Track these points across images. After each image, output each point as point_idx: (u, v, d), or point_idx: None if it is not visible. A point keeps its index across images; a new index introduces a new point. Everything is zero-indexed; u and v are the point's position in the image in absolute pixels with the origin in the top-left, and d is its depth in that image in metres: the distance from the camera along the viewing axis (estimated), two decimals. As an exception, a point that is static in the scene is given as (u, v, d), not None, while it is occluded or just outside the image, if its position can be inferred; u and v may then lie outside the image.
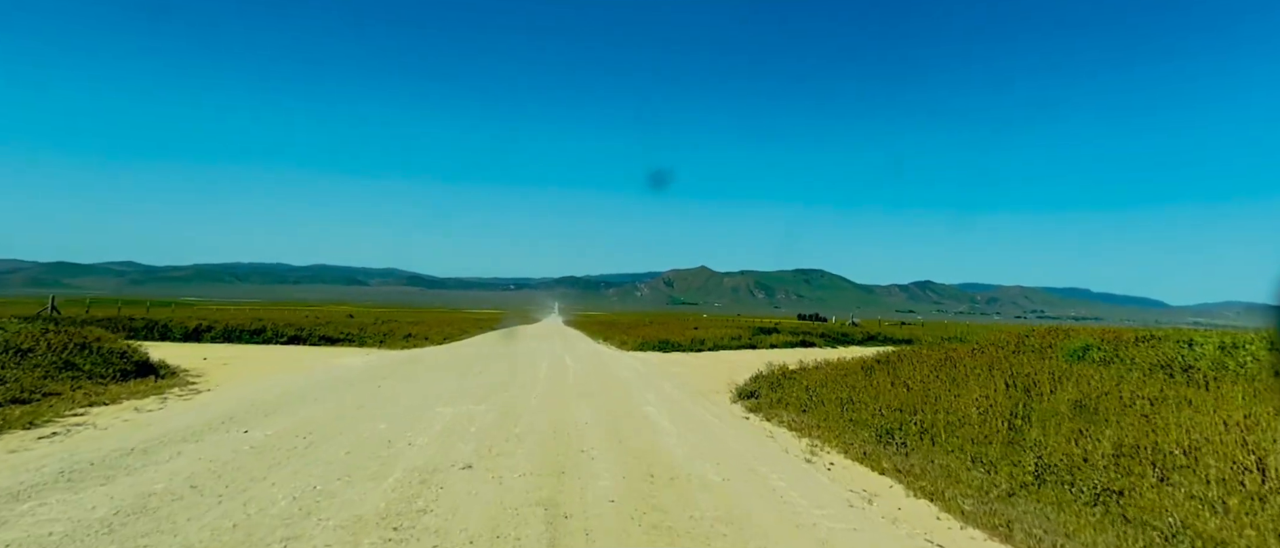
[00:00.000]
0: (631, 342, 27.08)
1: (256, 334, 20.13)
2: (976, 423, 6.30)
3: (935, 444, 6.23)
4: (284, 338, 20.12)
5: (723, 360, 19.61)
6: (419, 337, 27.08)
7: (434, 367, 13.88)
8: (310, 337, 20.66)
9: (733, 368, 16.71)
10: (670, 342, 26.08)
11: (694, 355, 22.19)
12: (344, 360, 14.80)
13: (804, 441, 7.15)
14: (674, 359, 19.90)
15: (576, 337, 34.67)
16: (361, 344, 21.23)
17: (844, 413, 8.20)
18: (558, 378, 12.49)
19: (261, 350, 17.23)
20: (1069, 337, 10.74)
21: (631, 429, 7.33)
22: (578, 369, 14.47)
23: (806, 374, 11.77)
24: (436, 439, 6.36)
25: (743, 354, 22.98)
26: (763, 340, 26.83)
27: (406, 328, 31.61)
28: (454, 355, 17.57)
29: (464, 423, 7.24)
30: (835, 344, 27.24)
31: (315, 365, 13.55)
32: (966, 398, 6.93)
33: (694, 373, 15.09)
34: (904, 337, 29.44)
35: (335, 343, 20.77)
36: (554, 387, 10.97)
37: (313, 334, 20.95)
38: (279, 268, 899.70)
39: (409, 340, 24.68)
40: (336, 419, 7.28)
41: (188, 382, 10.50)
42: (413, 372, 12.67)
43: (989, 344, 10.58)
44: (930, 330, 37.09)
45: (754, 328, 31.11)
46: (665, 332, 32.14)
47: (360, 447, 5.94)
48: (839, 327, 36.99)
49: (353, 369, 12.84)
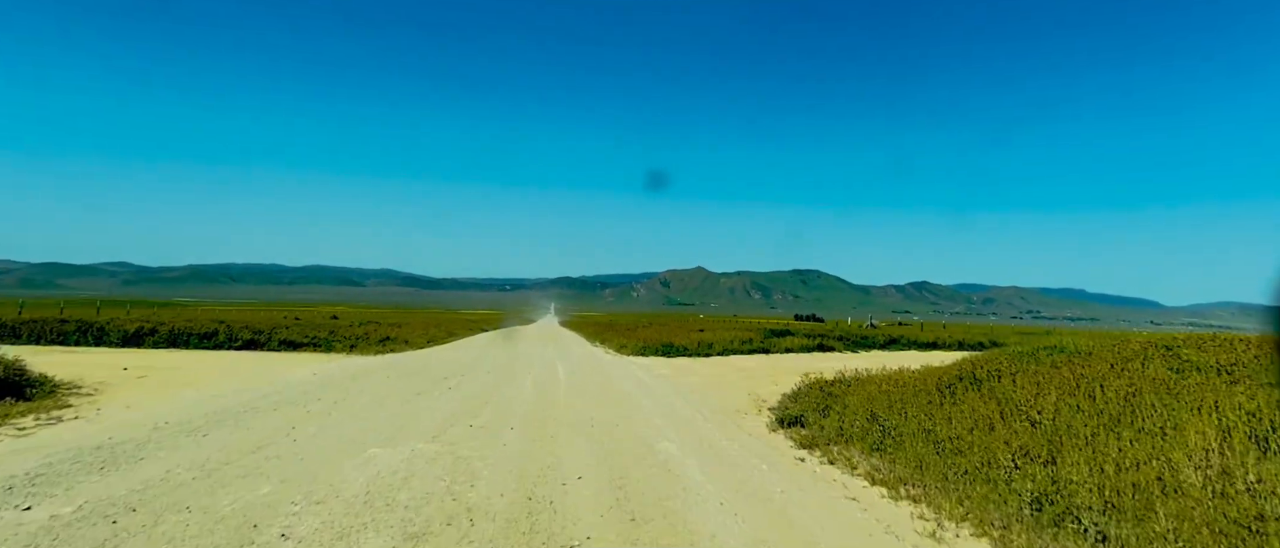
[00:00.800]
0: (632, 345, 24.68)
1: (208, 338, 17.65)
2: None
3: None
4: (238, 343, 17.64)
5: (737, 368, 17.23)
6: (399, 340, 24.63)
7: (397, 380, 11.44)
8: (270, 341, 18.19)
9: (752, 378, 14.33)
10: (674, 345, 23.71)
11: (702, 361, 19.81)
12: (292, 373, 12.34)
13: (906, 508, 4.77)
14: (681, 366, 17.52)
15: (572, 339, 32.25)
16: (329, 349, 18.78)
17: (942, 457, 5.83)
18: (546, 395, 10.08)
19: (201, 358, 14.76)
20: (1203, 348, 8.34)
21: (649, 491, 4.91)
22: (572, 382, 12.06)
23: (856, 390, 9.40)
24: (334, 521, 3.95)
25: (756, 360, 20.61)
26: (775, 344, 24.48)
27: (387, 331, 29.19)
28: (429, 363, 15.14)
29: (393, 485, 4.81)
30: (856, 348, 24.89)
31: (252, 378, 11.10)
32: (1175, 449, 4.49)
33: (710, 385, 12.69)
34: (928, 339, 27.10)
35: (298, 348, 18.32)
36: (540, 409, 8.56)
37: (272, 338, 18.48)
38: (274, 269, 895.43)
39: (385, 345, 22.23)
40: (203, 476, 4.85)
41: (64, 403, 8.05)
42: (366, 388, 10.23)
43: (1112, 357, 8.14)
44: (953, 332, 34.77)
45: (764, 330, 28.73)
46: (667, 334, 29.75)
47: (192, 543, 3.53)
48: (856, 328, 34.62)
49: (292, 384, 10.39)
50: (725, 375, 14.96)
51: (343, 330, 26.11)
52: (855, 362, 21.20)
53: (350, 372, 12.56)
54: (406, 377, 11.91)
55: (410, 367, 14.05)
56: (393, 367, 13.85)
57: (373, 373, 12.46)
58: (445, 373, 12.71)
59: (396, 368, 13.65)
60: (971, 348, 26.00)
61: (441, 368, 13.81)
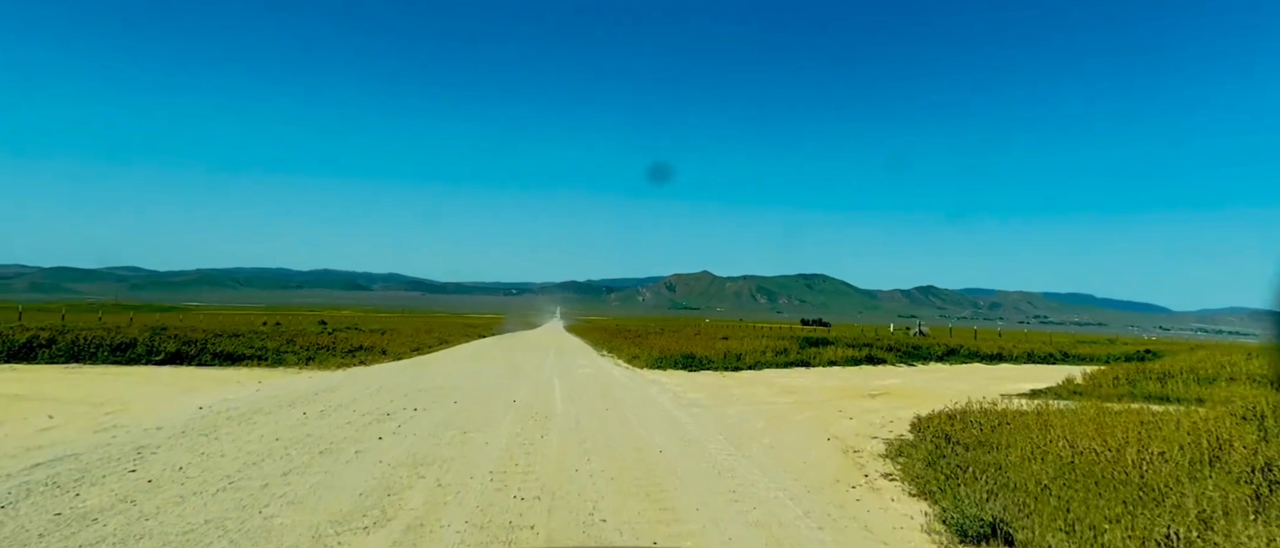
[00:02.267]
0: (646, 356, 21.10)
1: (122, 350, 14.20)
2: None
3: None
4: (161, 356, 14.16)
5: (784, 389, 13.60)
6: (376, 350, 21.17)
7: (317, 419, 7.86)
8: (202, 354, 14.70)
9: (815, 408, 10.69)
10: (696, 357, 20.11)
11: (735, 379, 16.20)
12: (172, 405, 8.67)
13: None
14: (714, 387, 13.91)
15: (576, 348, 28.62)
16: (275, 363, 15.28)
17: None
18: (530, 452, 6.48)
19: (75, 381, 11.20)
20: None
21: None
22: (573, 418, 8.43)
23: (1022, 441, 5.86)
24: None
25: (799, 376, 16.97)
26: (815, 356, 20.84)
27: (369, 338, 25.77)
28: (386, 386, 11.59)
29: None
30: (909, 360, 21.20)
31: (90, 419, 7.56)
32: None
33: (768, 422, 9.04)
34: (990, 350, 23.33)
35: (236, 362, 14.82)
36: (509, 490, 4.99)
37: (206, 350, 14.99)
38: (281, 273, 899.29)
39: (354, 357, 18.74)
40: None
41: None
42: (252, 436, 6.66)
43: None
44: (1010, 340, 30.87)
45: (799, 339, 25.05)
46: (685, 342, 26.13)
47: None
48: (902, 336, 30.81)
49: (139, 431, 6.82)
50: (776, 403, 11.34)
51: (311, 338, 22.65)
52: (920, 378, 17.53)
53: (262, 403, 8.96)
54: (339, 410, 8.33)
55: (356, 392, 10.47)
56: (334, 392, 10.28)
57: (296, 404, 8.87)
58: (400, 403, 9.12)
59: (337, 395, 10.09)
60: (1044, 361, 22.26)
61: (399, 394, 10.24)
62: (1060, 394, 12.34)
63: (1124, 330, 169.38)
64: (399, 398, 9.63)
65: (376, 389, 10.76)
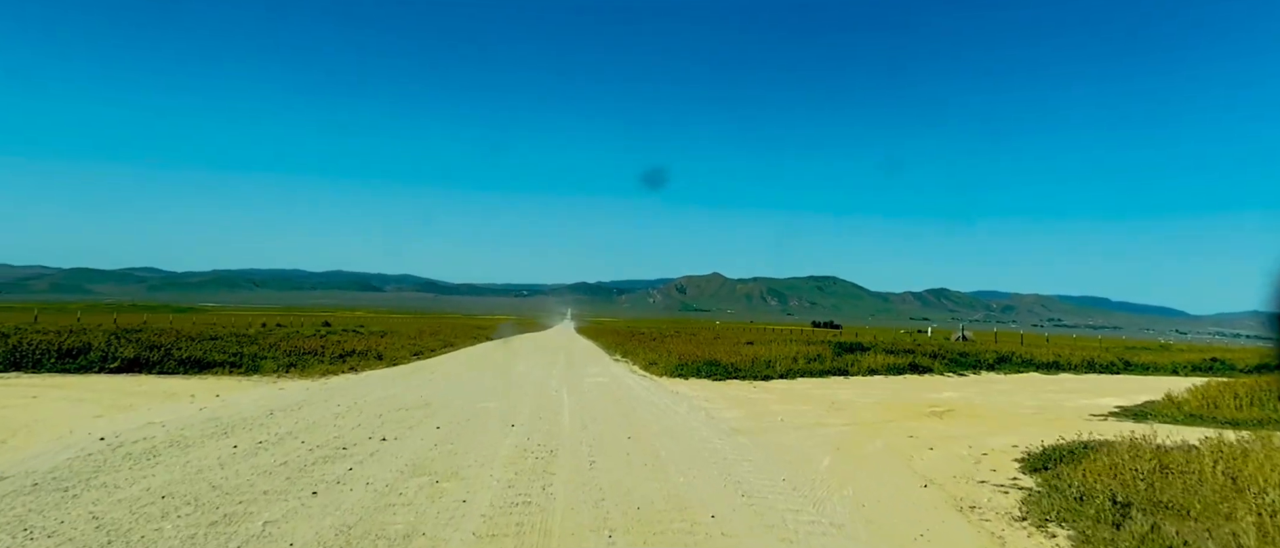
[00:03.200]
0: (664, 362, 19.20)
1: (73, 356, 12.53)
2: None
3: None
4: (117, 363, 12.46)
5: (829, 404, 11.62)
6: (372, 354, 19.46)
7: (259, 452, 6.03)
8: (166, 360, 12.98)
9: (885, 434, 8.70)
10: (720, 364, 18.18)
11: (766, 390, 14.25)
12: (77, 431, 6.94)
13: None
14: (749, 402, 11.96)
15: (588, 352, 26.73)
16: (251, 371, 13.55)
17: None
18: (519, 537, 4.60)
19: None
20: None
21: None
22: (583, 462, 6.49)
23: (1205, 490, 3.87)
24: None
25: (839, 387, 14.96)
26: (853, 363, 18.81)
27: (365, 342, 24.11)
28: (364, 402, 9.77)
29: None
30: (958, 368, 19.11)
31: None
32: None
33: (847, 464, 7.05)
34: (1045, 358, 21.09)
35: (204, 369, 13.09)
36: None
37: (171, 356, 13.28)
38: (296, 274, 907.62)
39: (345, 363, 17.02)
40: None
41: None
42: (146, 485, 4.84)
43: None
44: (1058, 347, 28.47)
45: (832, 344, 22.99)
46: (705, 347, 24.18)
47: None
48: (943, 342, 28.60)
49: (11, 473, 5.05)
50: (831, 426, 9.38)
51: (302, 341, 20.98)
52: (977, 391, 15.30)
53: (190, 430, 7.02)
54: (283, 442, 6.47)
55: (321, 411, 8.63)
56: (294, 412, 8.45)
57: (234, 431, 7.00)
58: (368, 430, 7.25)
59: (295, 416, 8.24)
60: (1106, 370, 20.06)
61: (372, 414, 8.38)
62: (1174, 417, 10.26)
63: (1139, 334, 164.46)
64: (371, 420, 7.78)
65: (349, 406, 8.93)
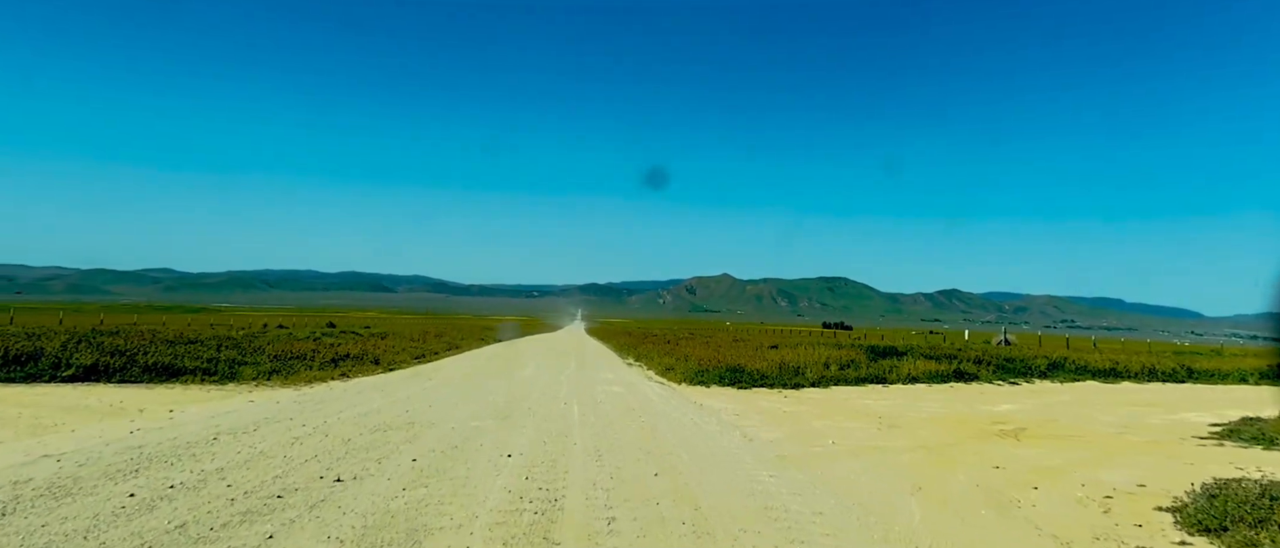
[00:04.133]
0: (683, 368, 17.64)
1: (22, 362, 11.16)
2: None
3: None
4: (72, 371, 11.08)
5: (888, 423, 9.97)
6: (368, 359, 18.07)
7: (141, 510, 4.54)
8: (130, 367, 11.58)
9: (963, 463, 7.05)
10: (744, 370, 16.58)
11: (803, 402, 12.63)
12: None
13: None
14: (782, 415, 10.36)
15: (600, 355, 25.17)
16: (227, 378, 12.14)
17: None
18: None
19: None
20: None
21: None
22: (598, 519, 4.85)
23: None
24: None
25: (885, 398, 13.29)
26: (890, 370, 17.12)
27: (363, 346, 22.82)
28: (336, 419, 8.28)
29: None
30: (1007, 376, 17.35)
31: None
32: None
33: (936, 510, 5.40)
34: (1102, 365, 19.24)
35: (175, 377, 11.69)
36: None
37: (135, 362, 11.88)
38: (309, 275, 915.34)
39: (336, 368, 15.62)
40: None
41: None
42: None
43: None
44: (1110, 352, 26.44)
45: (865, 348, 21.27)
46: (724, 351, 22.57)
47: None
48: (982, 347, 26.68)
49: None
50: (891, 450, 7.76)
51: (292, 344, 19.62)
52: (1038, 403, 13.24)
53: (85, 470, 5.28)
54: (203, 487, 4.91)
55: (277, 437, 7.11)
56: (245, 436, 6.95)
57: (148, 468, 5.43)
58: (322, 466, 5.67)
59: (242, 443, 6.72)
60: (1170, 379, 18.21)
61: (338, 441, 6.87)
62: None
63: (1154, 336, 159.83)
64: (334, 449, 6.26)
65: (317, 426, 7.43)
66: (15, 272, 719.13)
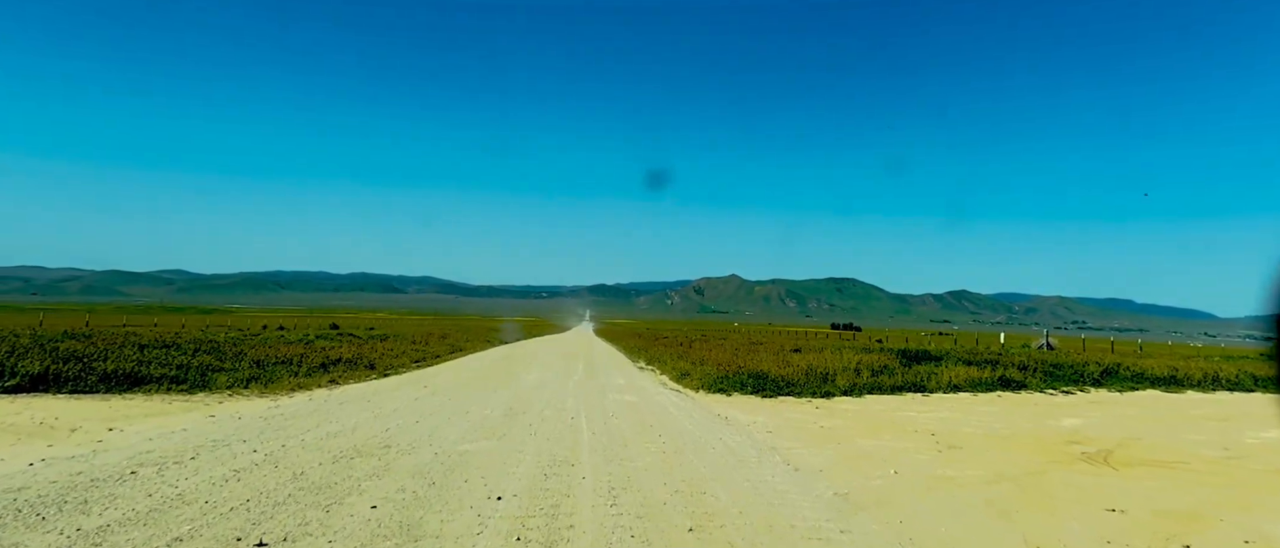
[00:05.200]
0: (699, 373, 16.28)
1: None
2: None
3: None
4: (15, 379, 9.83)
5: (947, 443, 8.52)
6: (363, 364, 16.88)
7: None
8: (86, 376, 10.33)
9: (1077, 511, 5.44)
10: (767, 377, 15.20)
11: (839, 414, 11.20)
12: None
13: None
14: (819, 433, 8.94)
15: (610, 358, 23.77)
16: (198, 387, 10.88)
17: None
18: None
19: None
20: None
21: None
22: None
23: None
24: None
25: (930, 409, 11.81)
26: (928, 377, 15.64)
27: (359, 349, 21.61)
28: (299, 444, 6.98)
29: None
30: (1057, 384, 15.81)
31: None
32: None
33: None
34: (1160, 372, 17.62)
35: (138, 385, 10.44)
36: None
37: (91, 370, 10.64)
38: (321, 276, 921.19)
39: (326, 373, 14.40)
40: None
41: None
42: None
43: None
44: (1159, 355, 24.64)
45: (896, 352, 19.77)
46: (742, 355, 21.18)
47: None
48: (1020, 351, 25.04)
49: None
50: (963, 481, 6.33)
51: (283, 347, 18.42)
52: (1104, 415, 11.27)
53: None
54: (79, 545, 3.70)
55: (223, 469, 5.81)
56: (184, 465, 5.65)
57: (28, 514, 4.27)
58: (262, 512, 4.40)
59: (177, 473, 5.42)
60: (1235, 387, 16.56)
61: (295, 471, 5.56)
62: None
63: (1166, 337, 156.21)
64: (274, 493, 4.90)
65: (270, 453, 6.10)
66: (32, 273, 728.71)
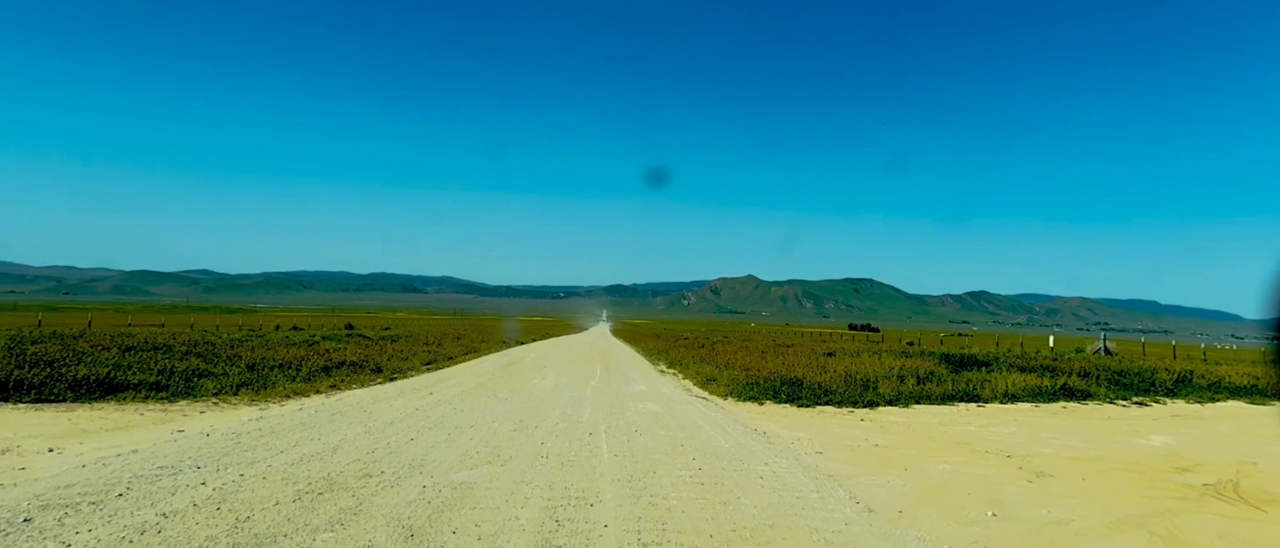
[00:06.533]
0: (726, 378, 15.07)
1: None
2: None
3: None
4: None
5: (1033, 470, 7.15)
6: (368, 366, 15.99)
7: None
8: (53, 383, 9.39)
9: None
10: (801, 383, 13.93)
11: (893, 430, 9.88)
12: None
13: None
14: (867, 445, 7.65)
15: (629, 361, 22.56)
16: (182, 394, 9.92)
17: None
18: None
19: None
20: None
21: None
22: None
23: None
24: None
25: (995, 424, 10.44)
26: (979, 384, 14.22)
27: (363, 352, 20.77)
28: (251, 475, 5.92)
29: None
30: (1124, 393, 14.27)
31: None
32: None
33: None
34: (1240, 381, 15.96)
35: (114, 393, 9.49)
36: None
37: (61, 376, 9.69)
38: (342, 276, 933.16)
39: (327, 376, 13.48)
40: None
41: None
42: None
43: None
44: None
45: (940, 357, 18.30)
46: (772, 359, 19.85)
47: None
48: (1073, 355, 23.35)
49: None
50: (1069, 521, 5.01)
51: (283, 350, 17.54)
52: (1200, 433, 9.21)
53: None
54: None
55: (147, 515, 4.78)
56: (103, 507, 4.62)
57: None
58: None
59: (92, 519, 4.40)
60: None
61: (239, 516, 4.48)
62: None
63: (1191, 339, 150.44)
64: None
65: (212, 492, 5.00)
66: (64, 273, 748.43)
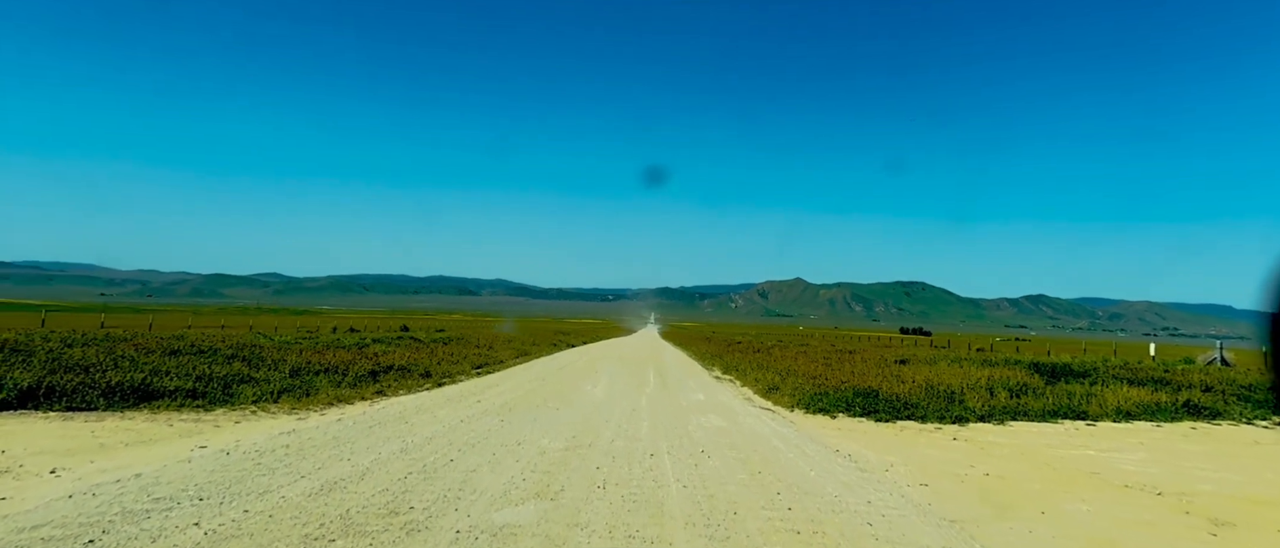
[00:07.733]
0: (790, 387, 13.81)
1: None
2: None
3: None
4: (2, 394, 8.62)
5: (1239, 527, 5.61)
6: (417, 370, 15.54)
7: None
8: (86, 390, 8.87)
9: None
10: (877, 393, 12.52)
11: (985, 451, 8.43)
12: None
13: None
14: (980, 476, 6.29)
15: (682, 366, 21.43)
16: (220, 402, 9.45)
17: None
18: None
19: None
20: None
21: None
22: None
23: None
24: None
25: (1116, 447, 8.80)
26: (1084, 399, 12.44)
27: (400, 355, 20.34)
28: (258, 508, 5.15)
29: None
30: (1263, 411, 12.19)
31: None
32: None
33: None
34: None
35: (148, 400, 9.06)
36: None
37: (94, 383, 9.27)
38: (401, 279, 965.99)
39: (374, 381, 12.94)
40: None
41: None
42: None
43: None
44: None
45: (1028, 366, 16.42)
46: (837, 367, 18.37)
47: None
48: (1182, 365, 20.89)
49: None
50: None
51: (329, 354, 17.21)
52: None
53: None
54: None
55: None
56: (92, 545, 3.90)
57: None
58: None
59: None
60: None
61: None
62: None
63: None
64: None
65: (203, 536, 4.20)
66: (148, 277, 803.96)
